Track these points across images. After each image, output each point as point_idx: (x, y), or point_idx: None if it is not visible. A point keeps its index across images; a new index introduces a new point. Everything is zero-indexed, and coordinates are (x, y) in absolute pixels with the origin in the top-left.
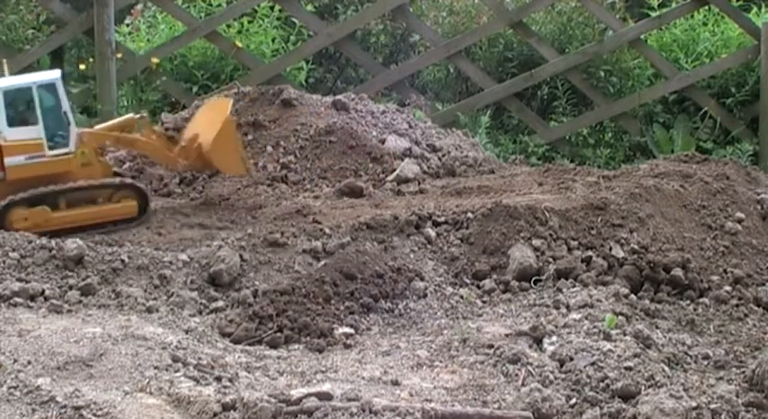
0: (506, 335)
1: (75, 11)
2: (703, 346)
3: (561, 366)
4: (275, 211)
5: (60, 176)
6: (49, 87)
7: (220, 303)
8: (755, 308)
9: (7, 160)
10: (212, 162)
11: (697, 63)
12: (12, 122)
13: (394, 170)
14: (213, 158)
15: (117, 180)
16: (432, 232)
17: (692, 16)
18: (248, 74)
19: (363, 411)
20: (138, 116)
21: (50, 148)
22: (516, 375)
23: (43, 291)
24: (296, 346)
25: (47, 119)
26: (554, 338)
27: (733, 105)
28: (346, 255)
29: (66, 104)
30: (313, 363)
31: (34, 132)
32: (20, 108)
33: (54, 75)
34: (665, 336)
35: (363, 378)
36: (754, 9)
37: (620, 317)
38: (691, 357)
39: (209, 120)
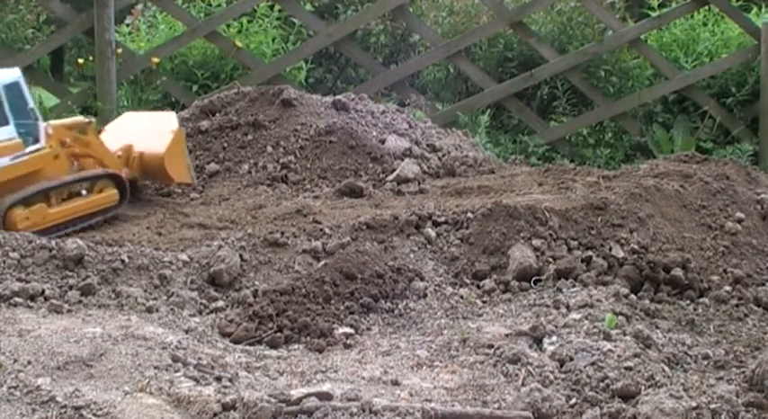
0: (506, 335)
1: (75, 11)
2: (703, 346)
3: (561, 366)
4: (275, 211)
5: (38, 172)
6: (14, 86)
7: (220, 303)
8: (755, 308)
9: None
10: (165, 170)
11: (697, 63)
12: None
13: (394, 170)
14: (167, 167)
15: (100, 170)
16: (432, 232)
17: (692, 16)
18: (248, 74)
19: (363, 411)
20: (87, 121)
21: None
22: (516, 375)
23: (43, 291)
24: (296, 346)
25: (15, 117)
26: (554, 338)
27: (733, 105)
28: (346, 255)
29: (31, 101)
30: (313, 363)
31: (6, 133)
32: None
33: (15, 73)
34: (665, 336)
35: (363, 378)
36: (754, 9)
37: (620, 317)
38: (691, 357)
39: (148, 131)
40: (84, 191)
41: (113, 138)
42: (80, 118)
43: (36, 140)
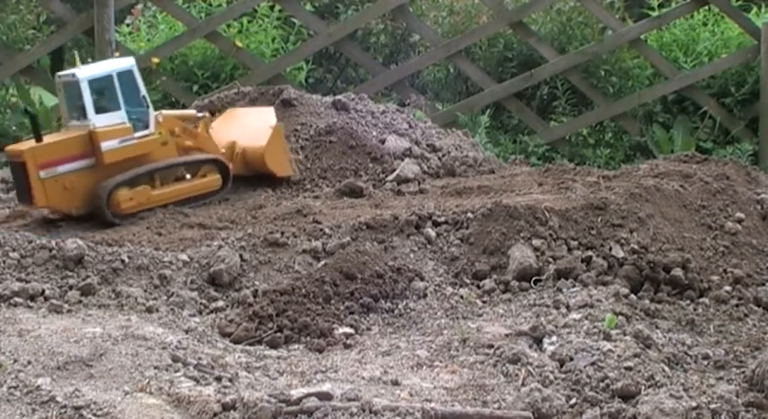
0: (506, 335)
1: (75, 11)
2: (703, 346)
3: (561, 366)
4: (275, 211)
5: (144, 157)
6: (127, 74)
7: (220, 303)
8: (755, 308)
9: (104, 145)
10: (266, 164)
11: (697, 63)
12: (97, 110)
13: (394, 170)
14: (268, 161)
15: (205, 156)
16: (432, 232)
17: (692, 16)
18: (248, 74)
19: (363, 411)
20: (200, 114)
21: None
22: (516, 375)
23: (43, 291)
24: (296, 346)
25: (127, 103)
26: (554, 338)
27: (733, 105)
28: (346, 255)
29: (143, 89)
30: (313, 363)
31: (118, 117)
32: (103, 95)
33: (129, 61)
34: (665, 336)
35: (363, 378)
36: (754, 9)
37: (620, 317)
38: (691, 357)
39: (249, 126)
40: (188, 176)
41: (218, 135)
42: (191, 111)
43: (146, 126)
